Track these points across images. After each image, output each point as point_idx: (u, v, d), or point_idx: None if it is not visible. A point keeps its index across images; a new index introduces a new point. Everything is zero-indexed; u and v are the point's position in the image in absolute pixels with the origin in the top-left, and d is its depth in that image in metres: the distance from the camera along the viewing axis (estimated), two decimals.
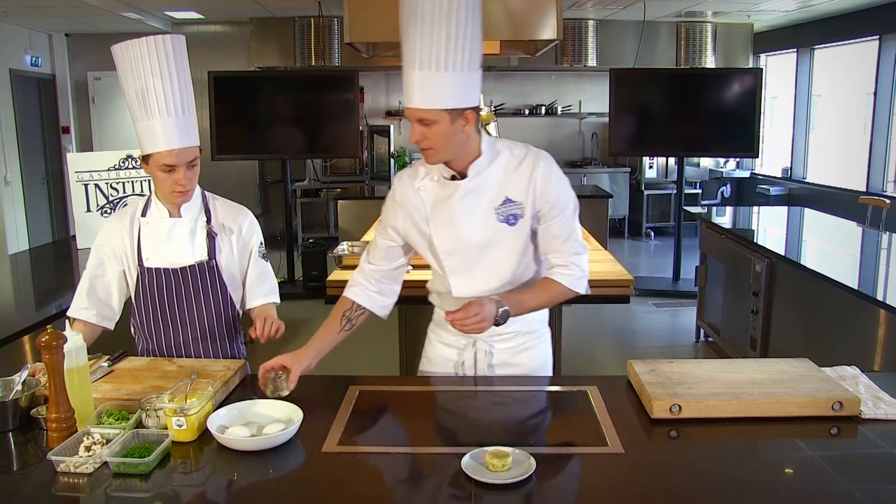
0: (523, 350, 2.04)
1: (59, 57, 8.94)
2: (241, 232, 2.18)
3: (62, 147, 8.99)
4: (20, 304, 3.39)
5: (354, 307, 2.01)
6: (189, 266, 2.10)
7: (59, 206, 8.96)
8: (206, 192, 2.19)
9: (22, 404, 1.69)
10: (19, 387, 1.75)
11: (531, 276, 1.96)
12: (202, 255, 2.11)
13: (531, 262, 1.96)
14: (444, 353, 2.07)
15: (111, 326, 2.15)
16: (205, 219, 2.13)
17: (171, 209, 2.10)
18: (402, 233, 1.96)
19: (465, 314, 1.76)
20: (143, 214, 2.12)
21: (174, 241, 2.10)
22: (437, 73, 1.69)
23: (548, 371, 2.11)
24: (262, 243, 2.24)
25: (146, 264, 2.09)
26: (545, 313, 2.09)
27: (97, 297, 2.12)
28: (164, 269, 2.09)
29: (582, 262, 1.93)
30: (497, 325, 1.81)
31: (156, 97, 1.95)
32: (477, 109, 1.80)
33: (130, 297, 2.17)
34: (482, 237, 1.87)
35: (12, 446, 1.62)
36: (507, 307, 1.82)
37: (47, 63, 8.83)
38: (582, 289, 1.94)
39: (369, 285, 2.02)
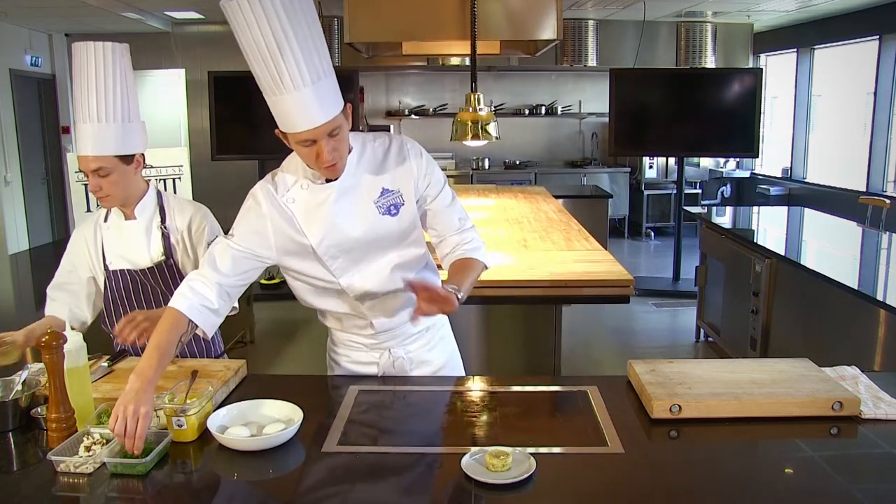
0: (433, 347, 2.07)
1: (59, 57, 8.95)
2: (192, 228, 2.22)
3: (62, 147, 9.00)
4: (20, 304, 3.39)
5: (189, 329, 1.74)
6: (149, 267, 2.17)
7: (59, 206, 8.97)
8: (161, 192, 2.25)
9: (22, 404, 1.69)
10: (19, 387, 1.76)
11: (415, 253, 1.92)
12: (158, 255, 2.18)
13: (416, 244, 1.92)
14: (360, 369, 2.03)
15: (81, 328, 2.16)
16: (159, 219, 2.19)
17: (125, 212, 2.17)
18: (275, 247, 1.81)
19: (431, 293, 1.66)
20: (106, 220, 2.19)
21: (132, 242, 2.17)
22: (319, 84, 1.65)
23: (458, 362, 2.15)
24: (217, 237, 2.21)
25: (110, 267, 2.17)
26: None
27: (67, 292, 2.19)
28: (127, 269, 2.17)
29: (478, 235, 2.00)
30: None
31: (87, 101, 2.01)
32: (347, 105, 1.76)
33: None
34: (364, 232, 1.82)
35: (12, 446, 1.62)
36: (461, 290, 1.78)
37: (47, 63, 8.83)
38: (489, 261, 2.00)
39: (212, 301, 1.76)
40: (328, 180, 1.79)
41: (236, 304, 2.14)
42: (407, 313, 1.90)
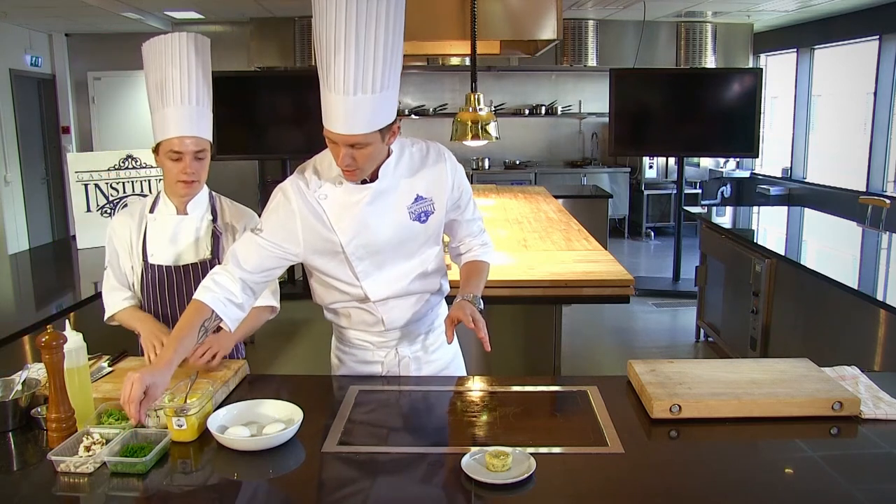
0: (438, 348, 2.08)
1: (59, 57, 8.95)
2: (245, 233, 2.18)
3: (62, 147, 8.99)
4: (20, 304, 3.39)
5: (213, 317, 1.76)
6: (192, 264, 2.11)
7: (59, 206, 8.97)
8: (214, 192, 2.21)
9: (22, 404, 1.69)
10: (19, 387, 1.75)
11: (435, 266, 1.97)
12: (206, 254, 2.13)
13: (434, 251, 1.97)
14: (365, 369, 2.04)
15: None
16: (210, 217, 2.15)
17: (178, 206, 2.12)
18: (304, 243, 1.81)
19: (478, 325, 1.76)
20: (152, 211, 2.13)
21: (180, 238, 2.11)
22: (367, 97, 1.61)
23: (461, 363, 2.18)
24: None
25: (150, 260, 2.11)
26: (445, 310, 2.11)
27: (127, 282, 2.16)
28: (166, 266, 2.11)
29: (488, 234, 2.10)
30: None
31: (171, 86, 1.99)
32: (399, 119, 1.76)
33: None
34: (395, 237, 1.84)
35: (12, 446, 1.62)
36: (479, 298, 1.88)
37: (47, 63, 8.83)
38: (494, 260, 2.11)
39: (236, 295, 1.78)
40: (364, 181, 1.79)
41: (277, 305, 2.17)
42: (416, 313, 1.95)
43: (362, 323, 1.97)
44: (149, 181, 4.15)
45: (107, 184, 4.10)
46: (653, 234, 9.51)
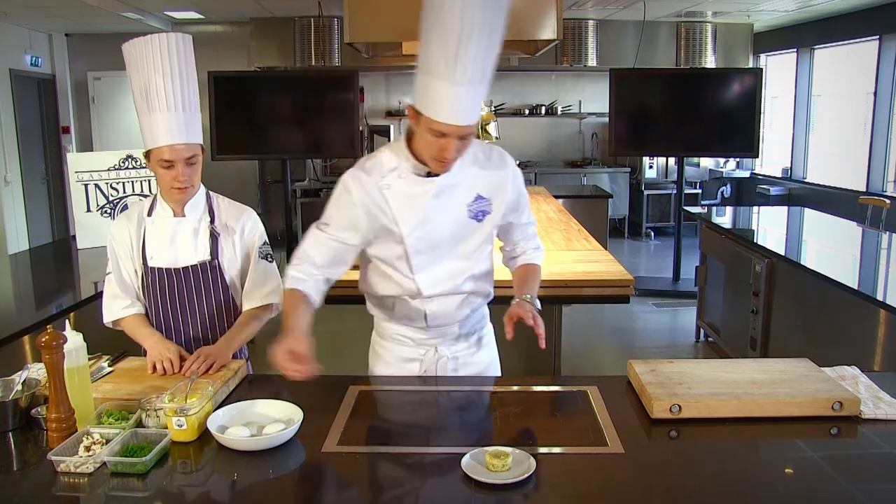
0: (477, 351, 2.09)
1: (59, 57, 8.95)
2: (244, 232, 2.18)
3: (62, 147, 8.99)
4: (20, 304, 3.39)
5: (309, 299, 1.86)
6: (191, 266, 2.11)
7: (59, 206, 8.96)
8: (211, 192, 2.20)
9: (22, 404, 1.69)
10: (19, 387, 1.75)
11: (486, 269, 2.00)
12: (205, 255, 2.12)
13: (486, 252, 1.99)
14: (404, 366, 2.05)
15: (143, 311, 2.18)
16: (208, 219, 2.14)
17: (175, 208, 2.11)
18: (365, 234, 1.86)
19: (537, 323, 1.80)
20: (149, 214, 2.13)
21: (178, 240, 2.11)
22: (479, 87, 1.66)
23: (497, 367, 2.17)
24: (265, 243, 2.23)
25: (150, 263, 2.11)
26: (487, 312, 2.14)
27: (131, 289, 2.15)
28: (166, 268, 2.10)
29: (540, 240, 2.13)
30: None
31: (157, 92, 1.97)
32: None
33: None
34: (453, 233, 1.87)
35: (12, 446, 1.62)
36: (536, 298, 1.91)
37: (47, 63, 8.83)
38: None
39: (316, 290, 1.87)
40: (429, 174, 1.80)
41: (279, 301, 2.18)
42: (460, 313, 1.97)
43: (405, 317, 1.98)
44: (149, 181, 4.14)
45: (107, 184, 4.10)
46: (653, 234, 9.51)
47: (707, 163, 9.44)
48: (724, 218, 5.53)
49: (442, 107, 1.65)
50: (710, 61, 8.97)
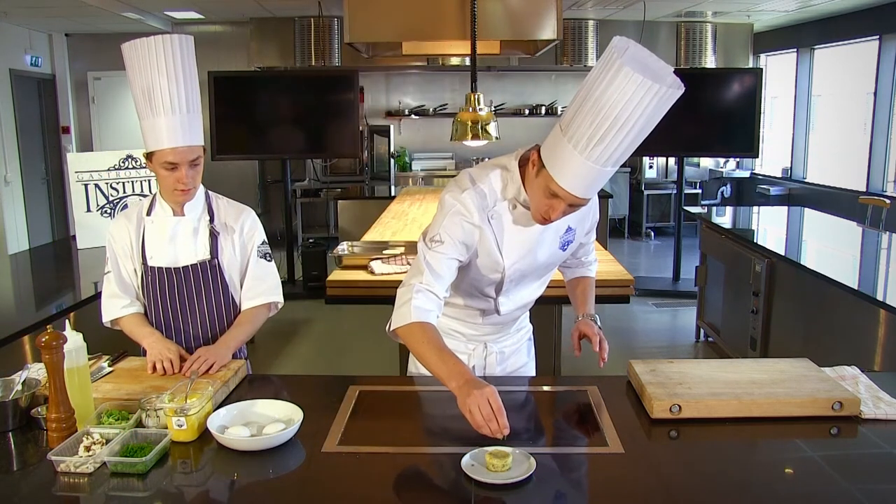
0: (521, 348, 2.17)
1: (59, 57, 8.95)
2: (243, 231, 2.18)
3: (62, 147, 8.99)
4: (20, 304, 3.39)
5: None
6: (191, 265, 2.11)
7: (59, 206, 8.96)
8: (210, 192, 2.20)
9: (22, 404, 1.69)
10: (19, 387, 1.75)
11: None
12: (204, 255, 2.12)
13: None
14: None
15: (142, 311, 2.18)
16: (208, 218, 2.14)
17: (174, 208, 2.11)
18: (470, 255, 1.82)
19: (603, 345, 1.99)
20: (148, 213, 2.13)
21: (177, 240, 2.11)
22: (611, 169, 1.62)
23: (533, 364, 2.26)
24: (264, 242, 2.24)
25: (150, 263, 2.11)
26: (527, 311, 2.19)
27: (130, 288, 2.15)
28: (166, 268, 2.11)
29: (595, 254, 2.21)
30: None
31: (160, 95, 1.96)
32: None
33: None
34: (544, 263, 1.92)
35: (12, 446, 1.62)
36: (597, 316, 2.06)
37: (47, 63, 8.83)
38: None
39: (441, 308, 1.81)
40: None
41: (280, 300, 2.22)
42: (517, 314, 2.06)
43: (467, 316, 2.02)
44: (149, 181, 4.15)
45: (107, 184, 4.10)
46: (653, 234, 9.51)
47: (707, 163, 9.44)
48: (724, 218, 5.53)
49: (569, 176, 1.61)
50: (710, 61, 8.97)
